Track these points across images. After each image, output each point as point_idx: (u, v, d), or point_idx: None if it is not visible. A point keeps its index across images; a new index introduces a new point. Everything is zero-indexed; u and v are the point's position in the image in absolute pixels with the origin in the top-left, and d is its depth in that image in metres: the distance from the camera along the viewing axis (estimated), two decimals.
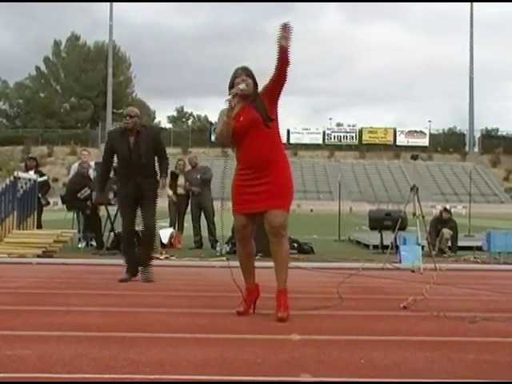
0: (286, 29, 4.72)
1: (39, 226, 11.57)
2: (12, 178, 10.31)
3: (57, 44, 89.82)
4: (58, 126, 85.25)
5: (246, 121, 4.97)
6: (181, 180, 12.36)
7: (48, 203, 12.51)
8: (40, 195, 11.67)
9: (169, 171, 7.76)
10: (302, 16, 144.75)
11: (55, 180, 61.44)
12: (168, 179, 12.37)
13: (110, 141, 7.30)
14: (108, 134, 7.66)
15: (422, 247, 9.14)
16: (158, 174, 7.33)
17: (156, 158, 7.29)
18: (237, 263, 5.27)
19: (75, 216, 11.69)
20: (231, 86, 5.07)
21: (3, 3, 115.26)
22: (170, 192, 12.11)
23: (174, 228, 12.26)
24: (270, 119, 5.00)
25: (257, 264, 5.29)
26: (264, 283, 5.40)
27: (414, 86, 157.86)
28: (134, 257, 7.25)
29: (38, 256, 9.41)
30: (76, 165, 12.55)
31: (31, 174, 11.47)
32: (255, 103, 5.02)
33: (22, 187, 10.49)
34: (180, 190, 12.30)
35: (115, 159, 7.33)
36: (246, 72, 5.09)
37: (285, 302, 4.93)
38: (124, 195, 7.21)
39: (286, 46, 4.73)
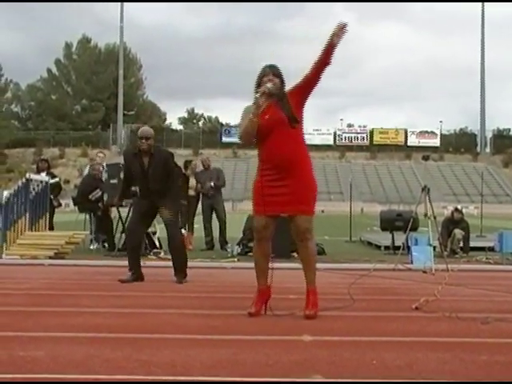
0: (342, 29, 4.79)
1: (51, 228, 11.62)
2: (24, 180, 10.36)
3: (68, 46, 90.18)
4: (70, 128, 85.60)
5: (272, 120, 4.97)
6: (192, 182, 12.38)
7: (60, 205, 12.57)
8: (52, 197, 11.72)
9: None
10: (311, 17, 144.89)
11: (67, 182, 61.63)
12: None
13: (126, 161, 7.51)
14: (123, 155, 7.80)
15: (434, 248, 9.12)
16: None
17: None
18: (246, 264, 5.29)
19: (87, 217, 11.74)
20: (258, 84, 5.09)
21: (16, 7, 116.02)
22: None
23: (185, 229, 12.27)
24: (296, 121, 5.01)
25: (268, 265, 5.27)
26: (276, 284, 5.40)
27: (423, 87, 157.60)
28: (137, 259, 7.32)
29: (50, 257, 9.45)
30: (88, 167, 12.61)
31: (43, 176, 11.52)
32: (282, 102, 5.02)
33: (34, 189, 10.53)
34: (190, 192, 12.31)
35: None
36: (273, 71, 5.09)
37: (313, 300, 5.04)
38: (140, 200, 7.44)
39: (337, 43, 4.81)
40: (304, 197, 5.00)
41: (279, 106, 5.01)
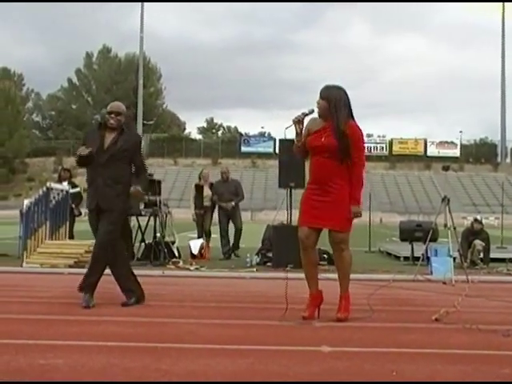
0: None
1: (71, 237, 11.68)
2: (44, 189, 10.42)
3: (89, 56, 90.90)
4: None
5: (326, 144, 5.29)
6: (206, 191, 12.41)
7: (80, 214, 12.62)
8: (73, 206, 11.80)
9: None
10: (329, 28, 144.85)
11: (86, 191, 62.06)
12: (193, 193, 12.51)
13: (86, 136, 6.47)
14: (86, 132, 6.97)
15: (454, 259, 9.05)
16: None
17: (133, 170, 6.31)
18: (265, 274, 5.30)
19: None
20: None
21: (38, 19, 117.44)
22: (193, 210, 12.30)
23: (203, 239, 12.28)
24: (346, 155, 5.26)
25: (288, 275, 5.28)
26: (295, 294, 5.39)
27: (443, 97, 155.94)
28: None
29: (70, 266, 9.49)
30: None
31: (64, 185, 11.59)
32: (338, 130, 5.26)
33: (54, 198, 10.60)
34: (206, 202, 12.36)
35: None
36: (320, 93, 5.40)
37: (345, 305, 5.34)
38: (90, 207, 6.27)
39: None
40: (341, 212, 5.26)
41: (334, 132, 5.27)
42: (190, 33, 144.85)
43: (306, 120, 5.49)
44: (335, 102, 5.29)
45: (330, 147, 5.24)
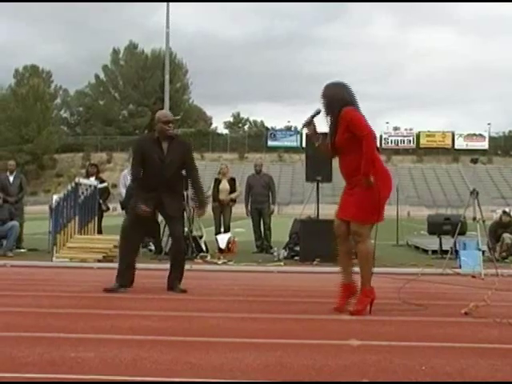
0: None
1: (100, 232, 11.78)
2: (73, 184, 10.51)
3: (115, 52, 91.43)
4: (117, 133, 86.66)
5: (336, 141, 5.45)
6: (224, 185, 12.41)
7: (108, 209, 12.74)
8: (101, 201, 11.89)
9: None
10: (353, 23, 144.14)
11: (114, 186, 62.42)
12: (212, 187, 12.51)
13: (141, 149, 6.57)
14: (139, 142, 6.86)
15: (483, 252, 8.96)
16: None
17: (184, 173, 6.78)
18: (292, 268, 5.32)
19: None
20: None
21: (64, 15, 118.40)
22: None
23: (228, 233, 12.30)
24: (335, 152, 5.50)
25: (315, 269, 5.27)
26: (322, 288, 5.38)
27: (470, 89, 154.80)
28: (129, 266, 6.71)
29: (99, 261, 9.58)
30: (125, 172, 12.76)
31: (92, 181, 11.69)
32: (332, 125, 5.45)
33: (82, 193, 10.69)
34: (222, 196, 12.37)
35: None
36: (321, 93, 5.51)
37: (359, 298, 5.43)
38: (143, 196, 6.50)
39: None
40: (359, 204, 5.36)
41: (330, 132, 5.48)
42: (216, 28, 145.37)
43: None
44: (330, 98, 5.43)
45: (328, 147, 5.51)
